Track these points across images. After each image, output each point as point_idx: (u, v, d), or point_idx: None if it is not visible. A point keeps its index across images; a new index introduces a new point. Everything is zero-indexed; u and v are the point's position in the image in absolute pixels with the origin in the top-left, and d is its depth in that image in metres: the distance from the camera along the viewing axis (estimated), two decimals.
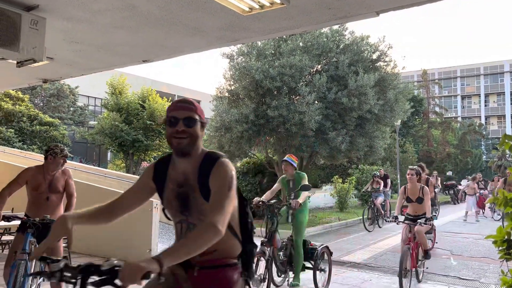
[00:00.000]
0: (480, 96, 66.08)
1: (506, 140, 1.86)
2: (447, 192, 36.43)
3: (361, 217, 12.72)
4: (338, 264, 7.87)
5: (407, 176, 6.38)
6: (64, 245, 6.43)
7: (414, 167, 6.71)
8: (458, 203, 24.34)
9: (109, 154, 34.79)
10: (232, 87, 13.68)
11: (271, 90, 12.52)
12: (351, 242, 10.65)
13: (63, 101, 31.41)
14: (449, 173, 38.64)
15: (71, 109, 32.62)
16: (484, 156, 52.86)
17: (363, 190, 15.07)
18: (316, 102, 12.64)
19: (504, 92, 63.91)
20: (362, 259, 8.47)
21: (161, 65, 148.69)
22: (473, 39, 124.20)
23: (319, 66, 13.73)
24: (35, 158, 13.63)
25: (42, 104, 30.72)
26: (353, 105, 12.28)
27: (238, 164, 15.90)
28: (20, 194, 8.12)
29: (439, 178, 20.29)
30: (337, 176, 18.22)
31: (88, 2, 4.29)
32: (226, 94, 13.83)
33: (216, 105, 13.86)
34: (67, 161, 4.98)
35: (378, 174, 13.60)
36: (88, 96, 38.97)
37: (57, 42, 5.45)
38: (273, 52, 13.20)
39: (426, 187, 6.47)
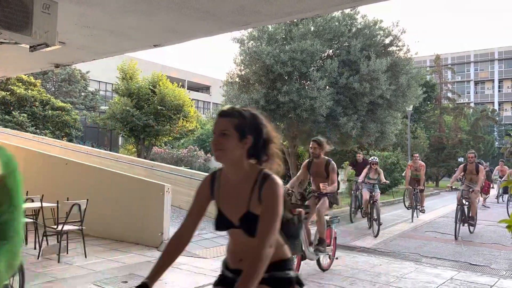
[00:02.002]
0: (493, 82, 64.90)
1: None
2: (458, 178, 35.90)
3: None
4: (348, 249, 7.91)
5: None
6: (77, 227, 6.55)
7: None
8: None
9: (120, 139, 35.05)
10: (243, 72, 13.61)
11: (281, 75, 12.44)
12: (361, 227, 10.67)
13: (74, 86, 31.60)
14: (461, 159, 38.25)
15: (82, 94, 32.82)
16: (497, 143, 52.17)
17: (357, 180, 11.71)
18: (327, 87, 12.54)
19: None
20: (372, 244, 8.50)
21: (172, 50, 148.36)
22: (489, 22, 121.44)
23: (331, 51, 13.58)
24: (48, 143, 13.80)
25: (53, 89, 30.95)
26: (365, 90, 12.16)
27: None
28: (34, 177, 8.22)
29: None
30: (347, 162, 18.16)
31: None
32: (237, 79, 13.78)
33: (226, 90, 13.83)
34: (79, 145, 5.03)
35: (376, 160, 10.79)
36: (99, 81, 39.16)
37: (69, 26, 5.46)
38: (284, 36, 13.07)
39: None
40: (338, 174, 6.23)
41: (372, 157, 11.09)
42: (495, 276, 6.33)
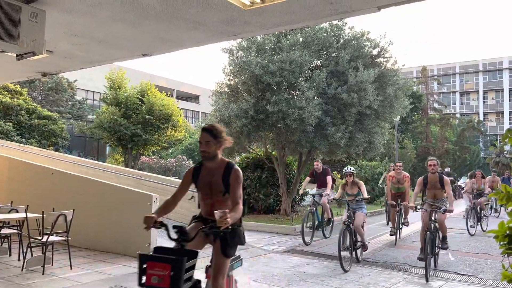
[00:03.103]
0: (478, 93, 66.07)
1: (510, 135, 1.86)
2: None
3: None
4: (336, 259, 7.90)
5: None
6: (62, 238, 6.44)
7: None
8: (456, 199, 24.40)
9: (107, 148, 34.76)
10: (232, 82, 13.63)
11: (270, 85, 12.49)
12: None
13: (61, 95, 31.32)
14: (447, 169, 38.71)
15: (70, 103, 32.53)
16: (482, 153, 52.95)
17: (316, 194, 10.55)
18: (315, 97, 12.61)
19: (503, 89, 63.91)
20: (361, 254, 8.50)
21: (160, 60, 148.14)
22: (473, 33, 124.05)
23: (319, 62, 13.68)
24: (34, 152, 13.62)
25: (40, 98, 30.63)
26: (353, 100, 12.26)
27: (237, 159, 15.90)
28: (18, 187, 8.11)
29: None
30: (336, 172, 18.25)
31: None
32: (226, 89, 13.78)
33: (215, 100, 13.81)
34: (65, 155, 4.98)
35: (351, 170, 8.27)
36: (87, 90, 38.88)
37: (57, 35, 5.43)
38: (273, 47, 13.15)
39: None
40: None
41: (347, 167, 8.47)
42: (482, 285, 6.37)
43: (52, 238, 6.20)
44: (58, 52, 6.24)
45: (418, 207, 7.40)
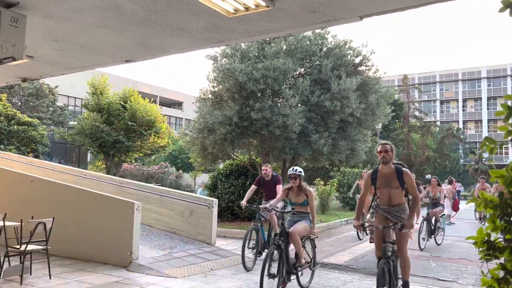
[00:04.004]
0: (458, 101, 67.46)
1: (487, 143, 1.90)
2: (426, 195, 36.73)
3: (338, 220, 11.76)
4: (320, 266, 7.91)
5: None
6: (41, 247, 6.30)
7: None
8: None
9: (89, 155, 34.27)
10: (216, 89, 13.64)
11: (254, 93, 12.53)
12: (332, 244, 10.72)
13: (42, 101, 30.84)
14: (428, 176, 39.30)
15: (50, 109, 32.06)
16: (462, 160, 53.97)
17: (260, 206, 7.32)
18: (299, 105, 12.70)
19: (481, 98, 65.42)
20: (344, 261, 8.54)
21: (143, 66, 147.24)
22: (452, 42, 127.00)
23: (302, 70, 13.81)
24: (13, 159, 13.32)
25: (20, 104, 30.09)
26: (336, 108, 12.38)
27: (221, 166, 15.85)
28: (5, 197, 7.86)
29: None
30: (319, 179, 18.35)
31: (71, 1, 4.22)
32: (210, 96, 13.78)
33: (199, 106, 13.79)
34: (45, 161, 4.89)
35: (298, 172, 6.08)
36: (68, 96, 38.36)
37: (37, 40, 5.35)
38: (257, 54, 13.22)
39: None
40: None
41: (292, 168, 6.23)
42: None
43: (30, 247, 6.06)
44: (39, 58, 6.16)
45: (367, 221, 5.40)
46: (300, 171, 6.16)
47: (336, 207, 20.61)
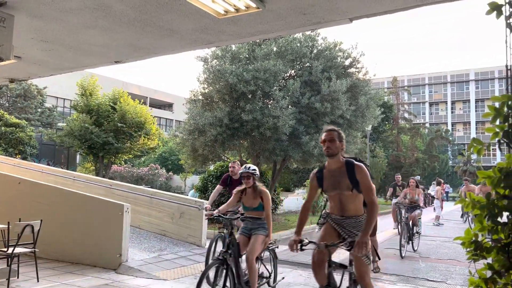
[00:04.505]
0: (447, 103, 68.21)
1: (475, 144, 1.92)
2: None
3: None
4: (308, 267, 7.92)
5: None
6: (29, 250, 6.22)
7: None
8: (426, 206, 24.94)
9: (78, 156, 33.96)
10: (206, 90, 13.61)
11: (245, 94, 12.53)
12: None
13: (30, 102, 30.50)
14: (417, 177, 39.63)
15: (39, 110, 31.71)
16: (451, 161, 54.53)
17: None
18: (290, 106, 12.73)
19: (469, 100, 66.22)
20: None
21: (133, 67, 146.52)
22: (442, 45, 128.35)
23: (293, 71, 13.84)
24: (0, 161, 13.16)
25: (7, 105, 29.73)
26: (326, 110, 12.43)
27: (212, 168, 15.81)
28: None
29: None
30: (309, 180, 18.40)
31: (60, 1, 4.19)
32: (200, 97, 13.74)
33: (190, 108, 13.75)
34: (33, 163, 4.83)
35: (252, 170, 5.24)
36: (57, 97, 37.99)
37: (25, 40, 5.30)
38: (247, 56, 13.22)
39: None
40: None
41: (244, 166, 5.36)
42: None
43: (18, 250, 5.98)
44: (27, 58, 6.09)
45: (306, 238, 3.66)
46: (254, 169, 5.19)
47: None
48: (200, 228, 9.15)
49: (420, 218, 10.49)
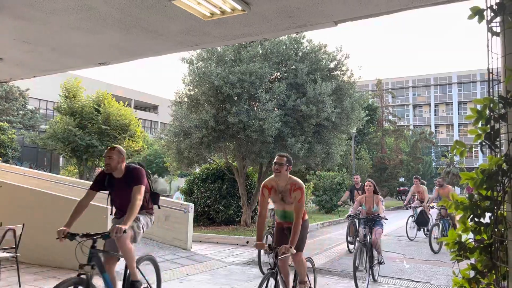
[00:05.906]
0: (430, 106, 69.24)
1: (457, 146, 1.95)
2: (399, 197, 37.57)
3: (314, 224, 11.23)
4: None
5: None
6: (11, 254, 6.10)
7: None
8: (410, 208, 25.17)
9: (61, 159, 33.48)
10: (192, 92, 13.55)
11: (231, 96, 12.51)
12: (308, 247, 10.77)
13: (12, 104, 29.96)
14: (402, 179, 40.09)
15: (21, 112, 31.17)
16: (434, 163, 55.29)
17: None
18: (275, 109, 12.76)
19: (452, 102, 67.35)
20: (320, 264, 8.59)
21: (117, 69, 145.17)
22: (425, 48, 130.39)
23: (279, 74, 13.87)
24: None
25: None
26: (311, 112, 12.49)
27: (197, 170, 15.74)
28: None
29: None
30: None
31: (43, 1, 4.12)
32: (186, 99, 13.68)
33: (175, 110, 13.67)
34: (15, 166, 4.76)
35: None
36: (40, 99, 37.40)
37: (7, 41, 5.21)
38: (233, 58, 13.21)
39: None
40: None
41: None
42: None
43: None
44: (9, 59, 5.98)
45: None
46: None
47: (312, 210, 20.77)
48: (185, 231, 9.09)
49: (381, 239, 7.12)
